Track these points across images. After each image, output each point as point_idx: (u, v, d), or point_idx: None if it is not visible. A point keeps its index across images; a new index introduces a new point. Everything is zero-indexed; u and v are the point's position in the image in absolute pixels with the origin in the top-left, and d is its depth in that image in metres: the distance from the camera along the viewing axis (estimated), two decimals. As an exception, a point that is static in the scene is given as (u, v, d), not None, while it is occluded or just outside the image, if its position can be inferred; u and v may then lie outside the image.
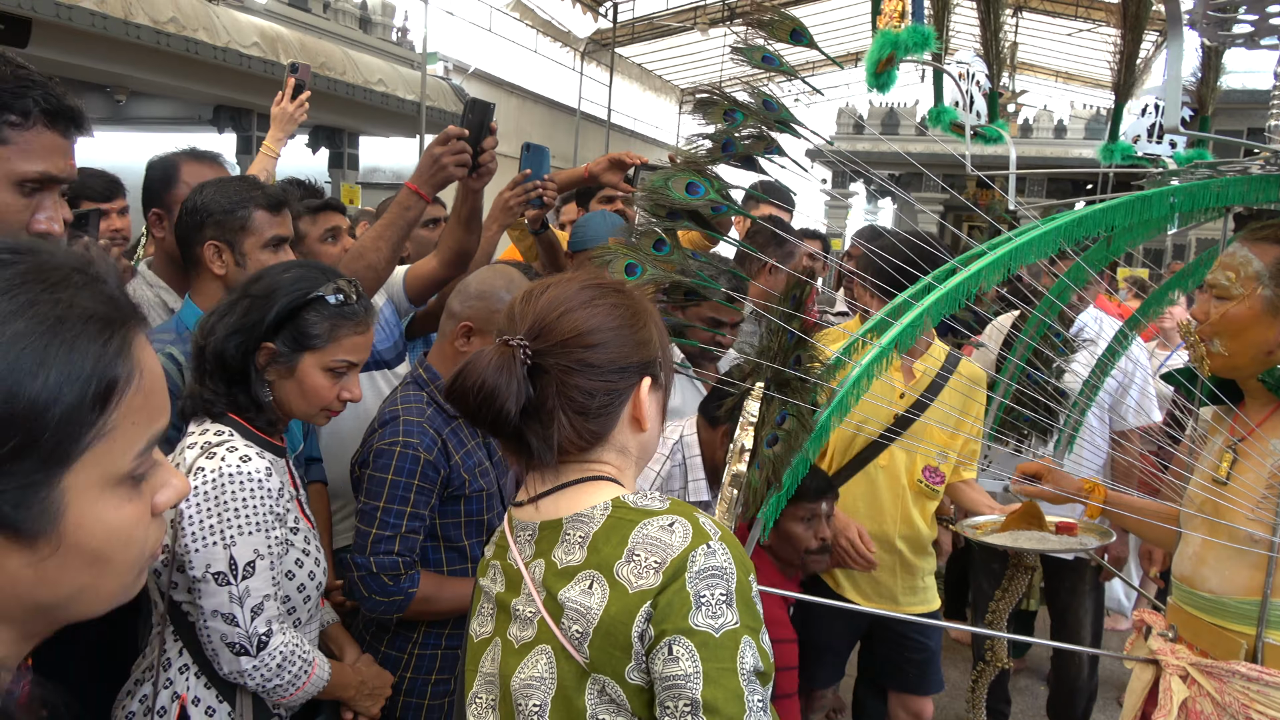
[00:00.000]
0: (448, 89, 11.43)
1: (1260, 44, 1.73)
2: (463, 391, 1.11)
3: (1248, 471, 1.72)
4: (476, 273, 2.10)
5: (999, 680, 3.61)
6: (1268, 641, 1.66)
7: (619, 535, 1.10)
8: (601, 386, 1.14)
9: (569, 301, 1.16)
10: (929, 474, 2.67)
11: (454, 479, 1.98)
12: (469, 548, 2.04)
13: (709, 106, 1.67)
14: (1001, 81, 7.02)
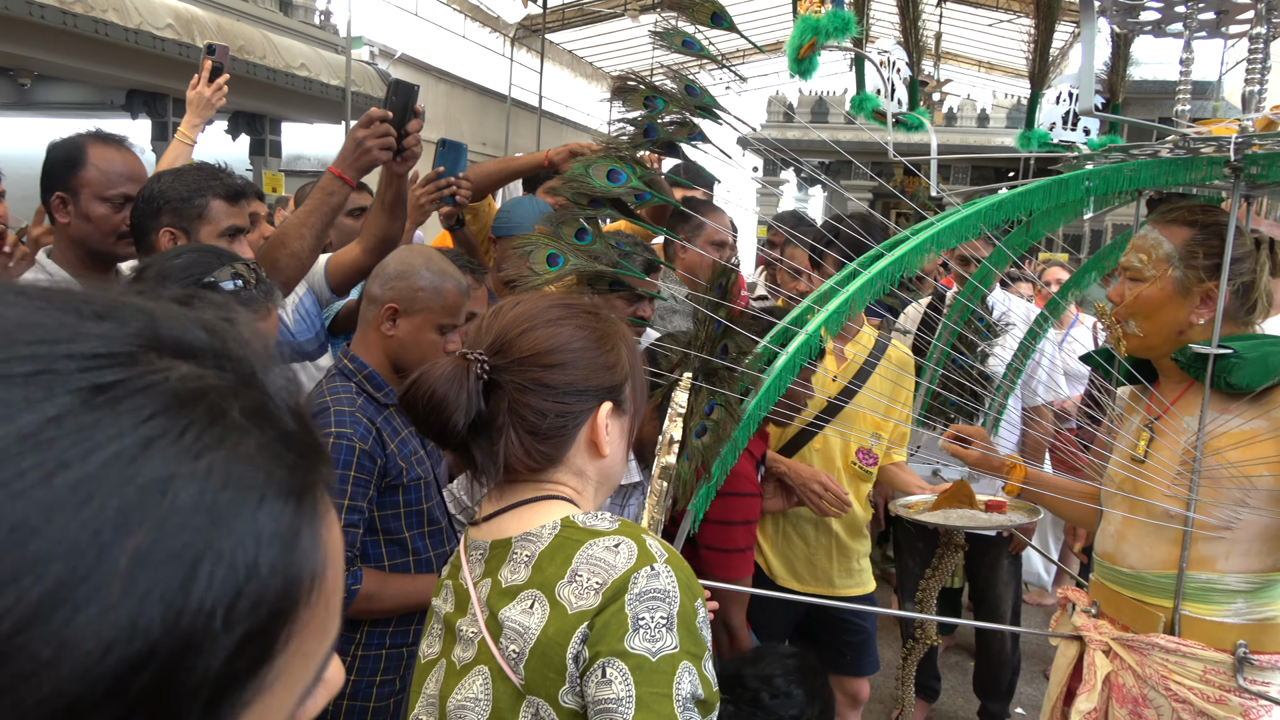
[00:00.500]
0: (373, 74, 11.17)
1: (1167, 31, 1.78)
2: (412, 400, 1.09)
3: (1164, 449, 1.77)
4: (392, 254, 2.05)
5: (928, 657, 3.69)
6: (1184, 614, 1.72)
7: (564, 555, 1.08)
8: (554, 407, 1.12)
9: (534, 319, 1.15)
10: (862, 456, 2.70)
11: (390, 468, 1.93)
12: (410, 539, 2.00)
13: (629, 93, 1.65)
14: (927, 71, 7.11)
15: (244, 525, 0.38)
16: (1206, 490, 1.67)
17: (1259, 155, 1.57)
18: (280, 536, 0.39)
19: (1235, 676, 1.65)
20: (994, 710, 3.56)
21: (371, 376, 1.96)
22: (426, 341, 1.97)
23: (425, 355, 1.96)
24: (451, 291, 1.98)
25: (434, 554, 2.03)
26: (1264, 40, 1.65)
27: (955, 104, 12.95)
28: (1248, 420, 1.64)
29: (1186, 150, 1.62)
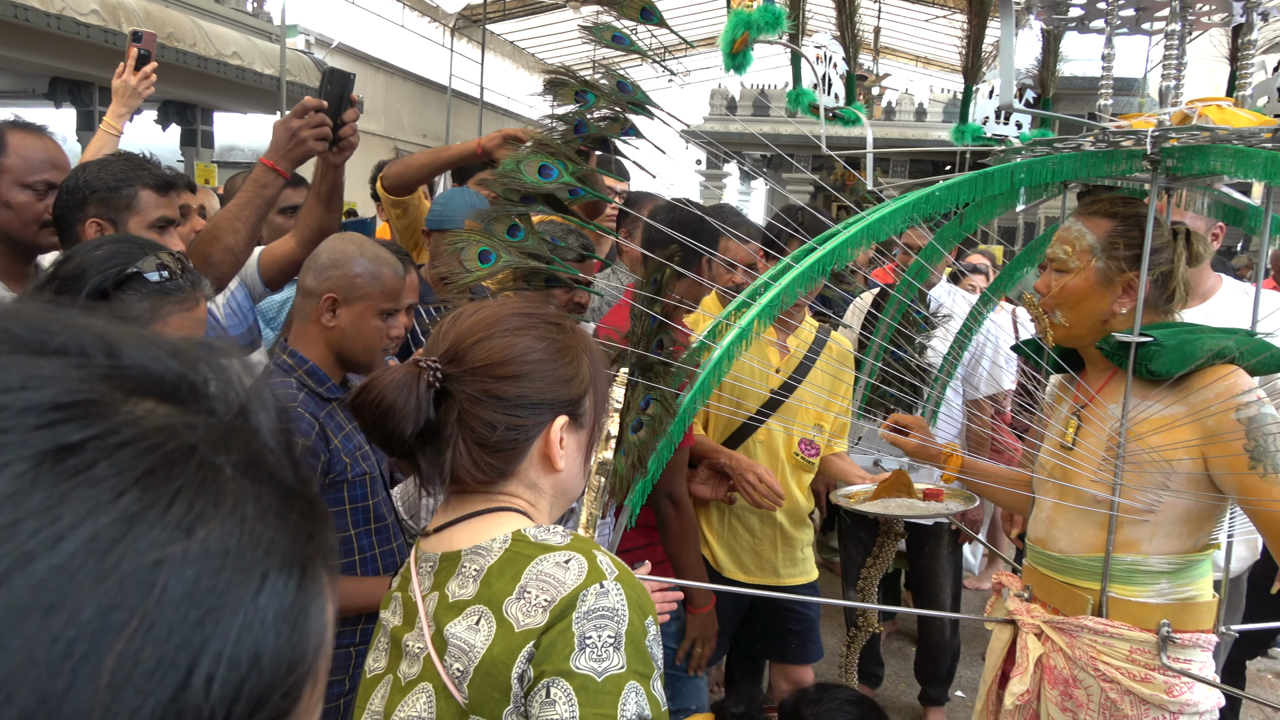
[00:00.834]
0: (309, 63, 10.94)
1: (1090, 28, 1.83)
2: (361, 406, 1.07)
3: (1090, 436, 1.81)
4: (322, 245, 2.00)
5: (871, 644, 3.76)
6: (1111, 595, 1.77)
7: (513, 570, 1.06)
8: (505, 420, 1.09)
9: (492, 328, 1.11)
10: (805, 447, 2.73)
11: (335, 464, 1.90)
12: (355, 537, 1.96)
13: (559, 87, 1.63)
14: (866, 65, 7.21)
15: (246, 611, 0.32)
16: (1130, 475, 1.72)
17: (1175, 148, 1.61)
18: (286, 618, 0.33)
19: (1159, 655, 1.71)
20: (934, 694, 3.63)
21: (312, 371, 1.93)
22: (370, 329, 1.94)
23: (370, 343, 1.94)
24: (389, 275, 1.95)
25: (379, 551, 2.00)
26: (1179, 37, 1.70)
27: (894, 98, 13.15)
28: (1168, 406, 1.69)
29: (1107, 144, 1.66)
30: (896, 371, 2.43)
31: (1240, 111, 1.68)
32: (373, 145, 11.92)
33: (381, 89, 14.04)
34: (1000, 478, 2.17)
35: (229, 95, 9.89)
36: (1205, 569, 1.79)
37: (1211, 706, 1.76)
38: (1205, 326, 1.81)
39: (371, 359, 1.98)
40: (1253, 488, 1.59)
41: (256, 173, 2.15)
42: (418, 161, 2.88)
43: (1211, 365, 1.67)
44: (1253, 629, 2.43)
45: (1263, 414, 1.62)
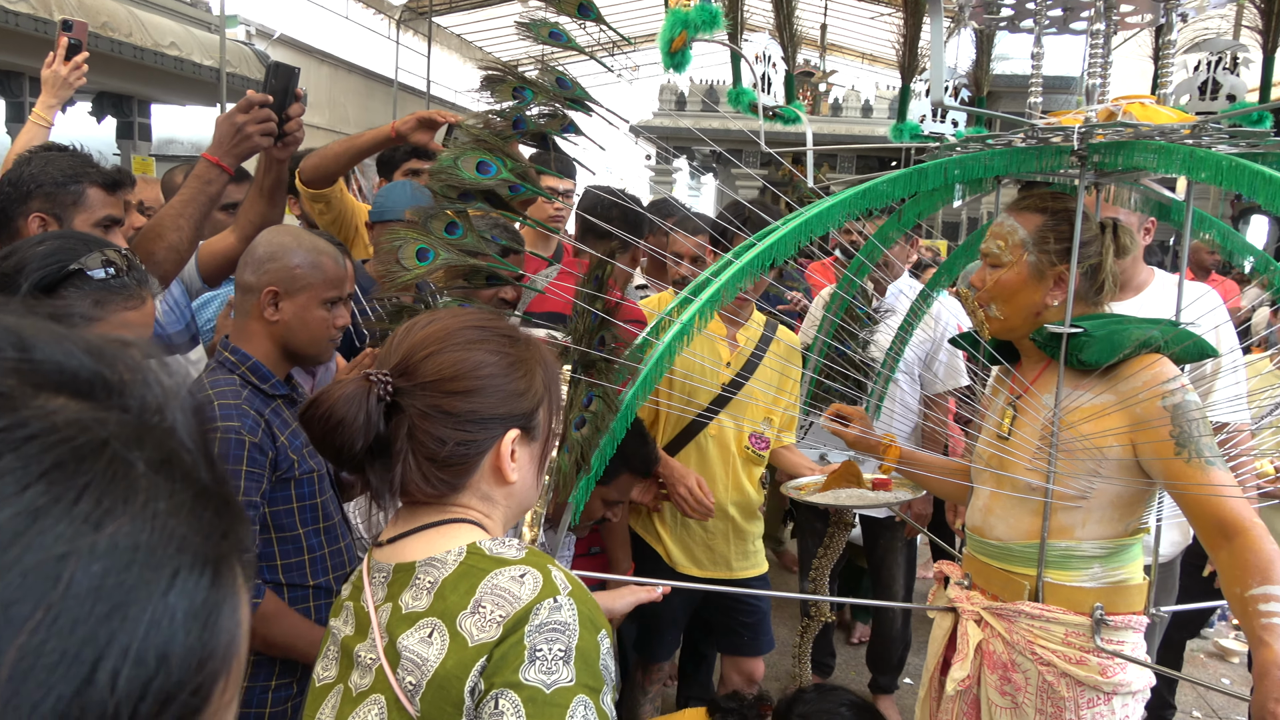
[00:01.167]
0: (250, 55, 10.71)
1: (1020, 27, 1.88)
2: (310, 420, 1.06)
3: (1025, 426, 1.85)
4: (257, 238, 1.97)
5: (824, 634, 3.82)
6: (1047, 581, 1.81)
7: (468, 584, 1.05)
8: (455, 435, 1.09)
9: (445, 340, 1.10)
10: (755, 440, 2.76)
11: (282, 460, 1.87)
12: (304, 536, 1.93)
13: (497, 84, 1.62)
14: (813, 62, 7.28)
15: (155, 608, 0.31)
16: (1064, 462, 1.76)
17: (1101, 144, 1.66)
18: (196, 616, 0.33)
19: (1093, 637, 1.75)
20: (884, 683, 3.69)
21: (256, 368, 1.89)
22: (315, 319, 1.91)
23: (316, 333, 1.92)
24: (330, 264, 1.92)
25: (329, 551, 1.98)
26: (1105, 37, 1.75)
27: (840, 95, 13.28)
28: (1098, 395, 1.74)
29: (1037, 140, 1.71)
30: (841, 367, 2.47)
31: (1163, 109, 1.72)
32: (317, 139, 11.69)
33: (326, 82, 13.82)
34: (936, 467, 2.21)
35: (167, 87, 9.65)
36: (1136, 553, 1.84)
37: (1143, 686, 1.82)
38: (1132, 317, 1.86)
39: (319, 350, 1.96)
40: (1178, 473, 1.64)
41: (199, 169, 2.10)
42: (333, 151, 2.81)
43: (1138, 355, 1.72)
44: (1182, 609, 2.52)
45: (1186, 401, 1.67)
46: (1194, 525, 1.67)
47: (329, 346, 1.97)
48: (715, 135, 8.14)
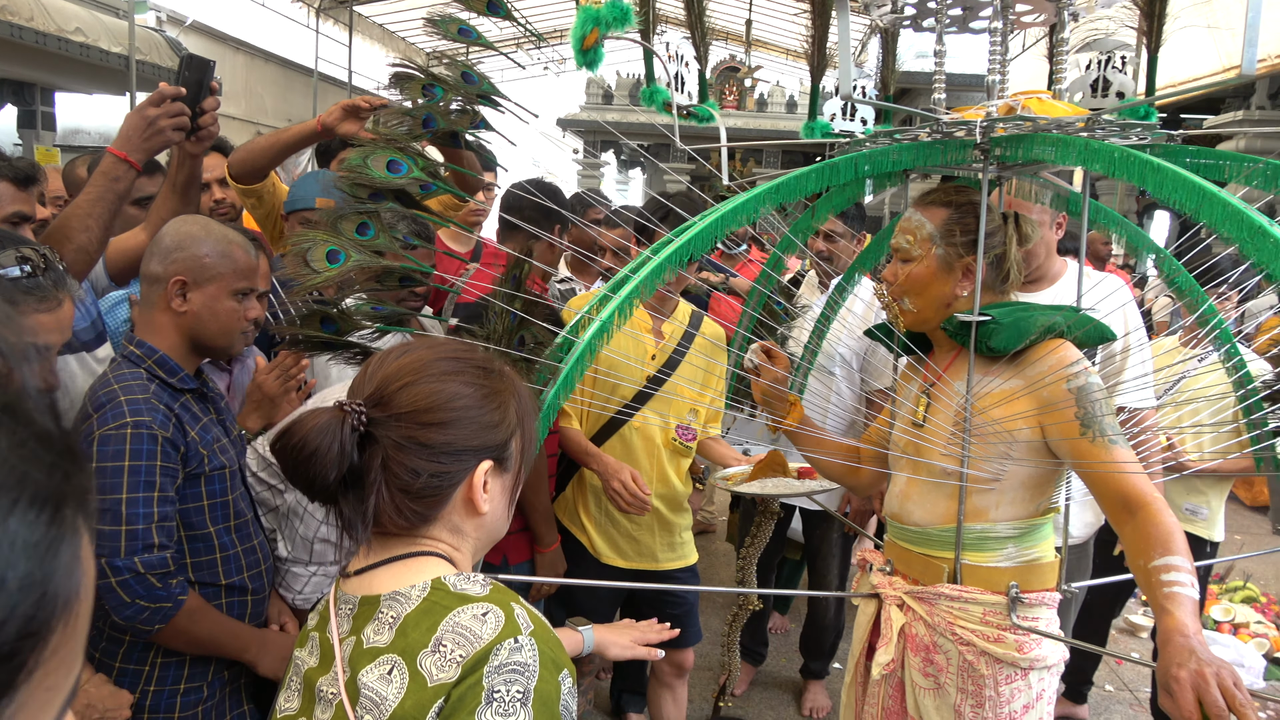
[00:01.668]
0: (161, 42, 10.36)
1: (923, 26, 1.93)
2: (283, 450, 1.04)
3: (939, 413, 1.91)
4: (164, 229, 1.91)
5: (757, 624, 3.88)
6: (964, 563, 1.86)
7: (430, 621, 1.04)
8: (430, 467, 1.08)
9: (420, 372, 1.09)
10: (682, 432, 2.78)
11: (192, 456, 1.82)
12: (215, 534, 1.87)
13: (407, 81, 1.60)
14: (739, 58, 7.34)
15: None
16: (977, 447, 1.81)
17: (1003, 138, 1.71)
18: (34, 547, 0.34)
19: (1010, 615, 1.81)
20: (815, 668, 3.77)
21: (163, 361, 1.83)
22: (225, 310, 1.87)
23: (226, 325, 1.87)
24: (240, 254, 1.87)
25: (241, 549, 1.93)
26: (1002, 35, 1.82)
27: (765, 90, 13.41)
28: (1006, 380, 1.80)
29: (942, 135, 1.76)
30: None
31: (1058, 103, 1.79)
32: (233, 129, 11.41)
33: (242, 71, 13.44)
34: (828, 447, 2.24)
35: (72, 74, 9.29)
36: (1047, 532, 1.91)
37: (1057, 660, 1.87)
38: (1037, 305, 1.92)
39: (230, 342, 1.91)
40: (1084, 452, 1.69)
41: (106, 164, 2.02)
42: (259, 146, 2.75)
43: (1043, 340, 1.78)
44: (1092, 584, 2.63)
45: (1090, 383, 1.73)
46: (1100, 502, 1.72)
47: (240, 339, 1.93)
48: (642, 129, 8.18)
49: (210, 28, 12.83)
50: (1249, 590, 4.99)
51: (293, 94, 14.46)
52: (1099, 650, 3.34)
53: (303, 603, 2.14)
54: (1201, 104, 8.22)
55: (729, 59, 13.56)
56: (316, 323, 1.56)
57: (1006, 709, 1.84)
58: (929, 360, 1.97)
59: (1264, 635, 4.51)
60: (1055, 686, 1.92)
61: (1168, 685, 1.32)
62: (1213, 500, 3.45)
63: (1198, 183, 1.38)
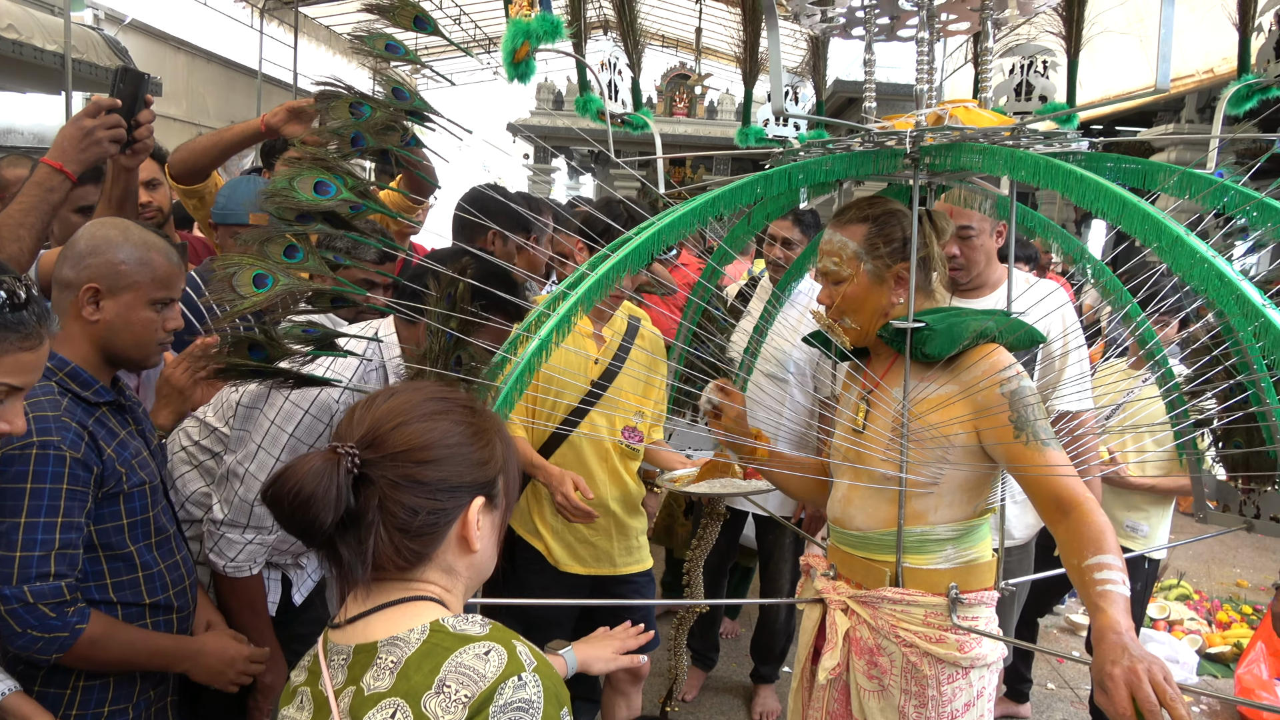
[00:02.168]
0: (98, 40, 10.07)
1: (851, 34, 1.97)
2: (277, 496, 1.03)
3: (878, 419, 1.93)
4: (79, 231, 1.83)
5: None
6: (905, 565, 1.89)
7: (432, 663, 1.04)
8: (427, 505, 1.10)
9: (409, 412, 1.12)
10: (628, 434, 2.78)
11: (109, 475, 1.74)
12: (136, 553, 1.81)
13: (332, 100, 1.57)
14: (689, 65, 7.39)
15: None
16: (915, 452, 1.84)
17: (932, 147, 1.73)
18: None
19: (950, 616, 1.84)
20: (765, 673, 3.79)
21: (75, 373, 1.75)
22: (141, 321, 1.79)
23: (142, 336, 1.80)
24: (161, 261, 1.80)
25: (164, 566, 1.87)
26: (929, 44, 1.86)
27: (716, 98, 13.47)
28: (942, 385, 1.83)
29: (873, 144, 1.78)
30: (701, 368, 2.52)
31: (984, 112, 1.82)
32: (174, 130, 11.15)
33: (183, 70, 13.14)
34: (800, 464, 2.27)
35: (4, 73, 8.97)
36: (984, 533, 1.95)
37: (997, 658, 1.91)
38: (969, 310, 1.96)
39: (145, 354, 1.84)
40: (1018, 455, 1.73)
41: (40, 175, 1.97)
42: (200, 146, 2.70)
43: (976, 345, 1.82)
44: (1025, 580, 2.69)
45: (1022, 387, 1.77)
46: (1034, 503, 1.75)
47: (157, 350, 1.87)
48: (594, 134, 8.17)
49: (150, 27, 12.51)
50: (1183, 588, 5.16)
51: (235, 94, 14.16)
52: (1036, 648, 3.42)
53: (233, 570, 2.08)
54: (1135, 117, 8.48)
55: (679, 66, 13.63)
56: (244, 350, 1.52)
57: (949, 708, 1.87)
58: (866, 368, 1.99)
59: (1197, 632, 4.67)
60: (994, 684, 1.96)
61: (1102, 682, 1.35)
62: (1153, 517, 3.55)
63: (1118, 192, 1.41)
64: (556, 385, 2.68)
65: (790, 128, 2.18)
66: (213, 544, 2.09)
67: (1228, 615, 4.91)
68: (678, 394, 2.61)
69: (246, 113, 13.91)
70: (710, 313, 2.57)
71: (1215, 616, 4.91)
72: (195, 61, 13.65)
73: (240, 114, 14.00)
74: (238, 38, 14.79)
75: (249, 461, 2.04)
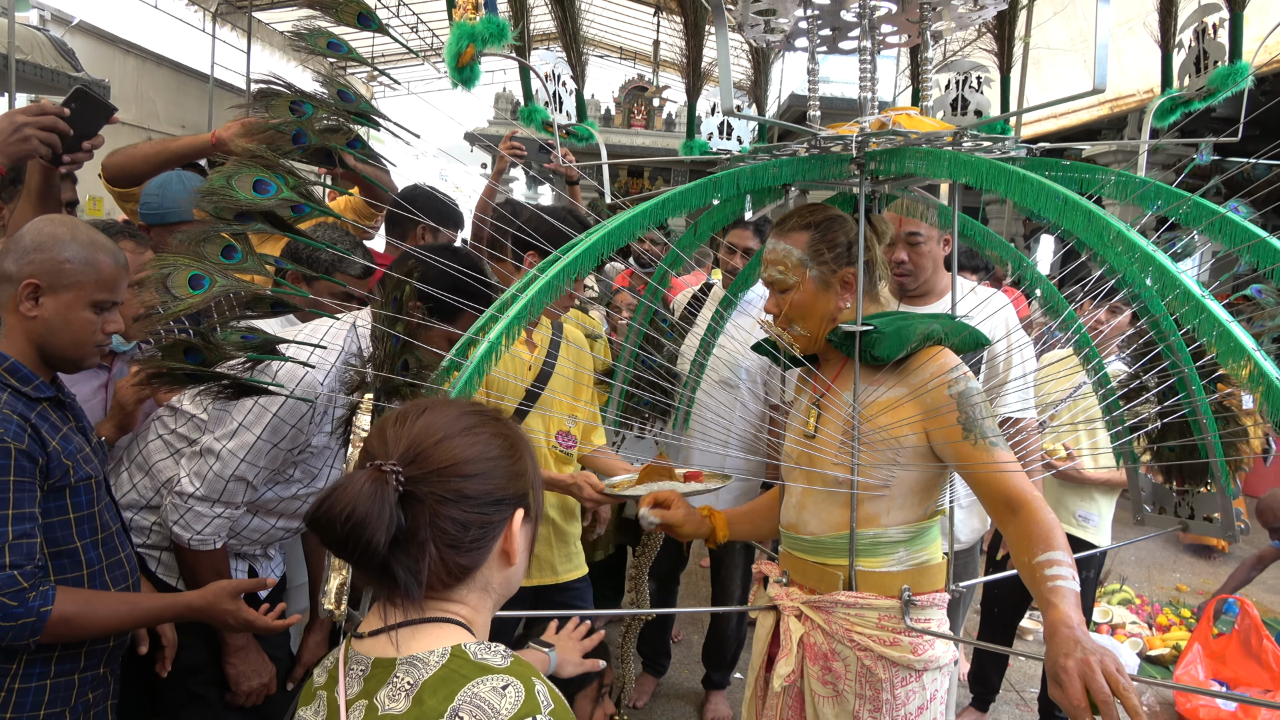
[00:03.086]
0: (44, 41, 9.80)
1: (795, 46, 1.99)
2: (329, 520, 1.00)
3: (829, 424, 1.93)
4: (26, 226, 1.79)
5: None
6: (859, 569, 1.88)
7: (448, 690, 1.01)
8: (476, 519, 1.09)
9: (447, 428, 1.10)
10: (561, 438, 2.75)
11: (54, 468, 1.70)
12: (82, 550, 1.76)
13: (272, 98, 1.53)
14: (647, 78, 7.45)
15: None
16: (866, 454, 1.84)
17: (877, 152, 1.74)
18: None
19: (903, 618, 1.84)
20: (716, 679, 3.78)
21: (15, 369, 1.71)
22: (79, 321, 1.75)
23: (79, 337, 1.76)
24: (106, 263, 1.76)
25: (107, 564, 1.82)
26: (871, 54, 1.88)
27: (674, 110, 13.54)
28: (891, 388, 1.83)
29: (819, 150, 1.79)
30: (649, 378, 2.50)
31: (926, 119, 1.84)
32: (123, 135, 10.90)
33: (132, 74, 12.86)
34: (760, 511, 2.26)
35: (-56, 72, 8.77)
36: (935, 535, 1.95)
37: (949, 660, 1.91)
38: (914, 314, 1.96)
39: (82, 354, 1.79)
40: (967, 455, 1.74)
41: None
42: (142, 153, 2.62)
43: (923, 348, 1.83)
44: (975, 583, 2.70)
45: (969, 388, 1.78)
46: (983, 502, 1.76)
47: (94, 353, 1.82)
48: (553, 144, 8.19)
49: (99, 29, 12.23)
50: (1125, 593, 5.27)
51: (186, 99, 13.87)
52: (992, 647, 3.47)
53: (198, 543, 2.07)
54: (1081, 134, 8.72)
55: (638, 79, 13.69)
56: (180, 353, 1.46)
57: (903, 711, 1.87)
58: (817, 372, 1.99)
59: (1138, 635, 4.78)
60: (945, 686, 1.96)
61: (1056, 675, 1.36)
62: (1103, 508, 3.62)
63: (1061, 191, 1.42)
64: (496, 392, 2.65)
65: (734, 141, 2.20)
66: (178, 516, 2.06)
67: (1167, 619, 5.03)
68: (625, 405, 2.61)
69: (198, 118, 13.65)
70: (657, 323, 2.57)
71: (1155, 620, 5.02)
72: (145, 65, 13.38)
73: (191, 119, 13.73)
74: (189, 41, 14.51)
75: (228, 439, 2.04)
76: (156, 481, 2.18)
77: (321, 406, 2.08)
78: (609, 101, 13.04)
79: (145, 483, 2.19)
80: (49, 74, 8.70)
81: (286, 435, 2.08)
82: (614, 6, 15.07)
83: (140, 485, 2.20)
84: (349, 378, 1.72)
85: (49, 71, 8.89)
